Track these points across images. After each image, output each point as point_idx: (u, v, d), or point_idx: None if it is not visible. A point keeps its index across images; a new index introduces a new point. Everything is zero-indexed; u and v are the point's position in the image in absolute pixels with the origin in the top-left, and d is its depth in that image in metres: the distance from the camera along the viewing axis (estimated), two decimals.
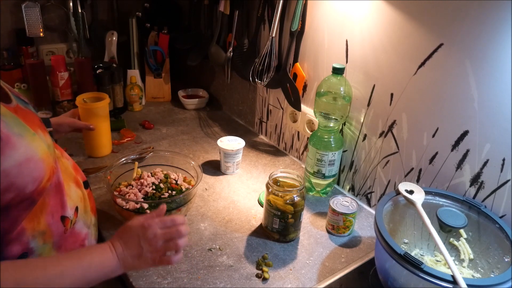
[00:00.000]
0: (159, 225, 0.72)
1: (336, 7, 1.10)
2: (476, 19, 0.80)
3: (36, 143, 0.64)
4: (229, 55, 1.44)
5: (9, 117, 0.61)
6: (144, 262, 0.71)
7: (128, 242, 0.70)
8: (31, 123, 0.66)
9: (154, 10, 1.74)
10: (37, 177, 0.63)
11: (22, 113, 0.67)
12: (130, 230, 0.72)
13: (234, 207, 1.12)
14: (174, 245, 0.73)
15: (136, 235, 0.71)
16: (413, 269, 0.71)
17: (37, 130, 0.66)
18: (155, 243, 0.71)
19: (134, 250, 0.70)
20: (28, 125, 0.64)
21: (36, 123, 0.68)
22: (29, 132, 0.63)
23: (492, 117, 0.82)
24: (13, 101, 0.68)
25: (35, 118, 0.70)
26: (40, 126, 0.69)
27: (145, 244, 0.70)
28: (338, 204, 1.02)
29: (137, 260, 0.70)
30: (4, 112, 0.61)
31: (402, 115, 1.00)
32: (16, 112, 0.65)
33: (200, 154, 1.37)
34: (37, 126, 0.68)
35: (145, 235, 0.71)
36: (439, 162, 0.94)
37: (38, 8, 1.42)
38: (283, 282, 0.88)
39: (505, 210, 0.85)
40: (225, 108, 1.72)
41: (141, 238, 0.70)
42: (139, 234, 0.71)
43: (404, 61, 0.96)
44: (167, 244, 0.72)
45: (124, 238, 0.71)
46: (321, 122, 1.12)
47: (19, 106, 0.69)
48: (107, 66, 1.54)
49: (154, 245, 0.71)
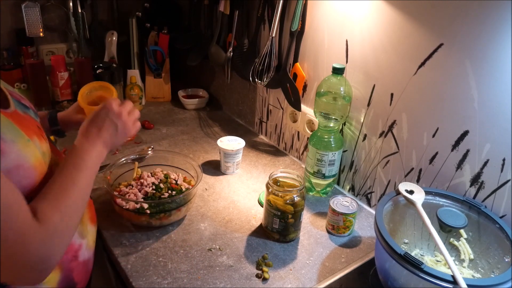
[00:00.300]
0: (115, 103, 0.81)
1: (336, 7, 1.10)
2: (476, 19, 0.80)
3: (30, 149, 0.63)
4: (229, 55, 1.44)
5: (4, 122, 0.61)
6: (121, 136, 0.81)
7: (103, 126, 0.78)
8: (27, 129, 0.66)
9: (154, 10, 1.74)
10: (26, 185, 0.63)
11: (18, 118, 0.66)
12: (98, 115, 0.79)
13: (234, 207, 1.12)
14: (133, 116, 0.83)
15: (106, 116, 0.79)
16: (413, 269, 0.70)
17: (33, 137, 0.66)
18: (123, 117, 0.80)
19: (110, 129, 0.78)
20: (23, 131, 0.64)
21: (33, 129, 0.68)
22: (22, 138, 0.63)
23: (492, 117, 0.82)
24: (11, 106, 0.68)
25: (33, 124, 0.70)
26: (36, 133, 0.68)
27: (117, 120, 0.79)
28: (338, 204, 1.02)
29: (115, 137, 0.79)
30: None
31: (402, 115, 1.00)
32: (12, 117, 0.64)
33: (200, 154, 1.37)
34: (33, 132, 0.67)
35: (114, 113, 0.79)
36: (439, 162, 0.94)
37: (38, 8, 1.42)
38: (283, 282, 0.88)
39: (505, 210, 0.85)
40: (225, 108, 1.72)
41: (112, 116, 0.79)
42: (108, 114, 0.79)
43: (404, 61, 0.96)
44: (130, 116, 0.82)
45: (97, 123, 0.78)
46: (321, 122, 1.12)
47: (17, 111, 0.69)
48: (107, 66, 1.54)
49: (123, 119, 0.80)
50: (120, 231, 0.99)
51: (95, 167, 0.75)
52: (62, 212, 0.63)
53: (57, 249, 0.63)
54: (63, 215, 0.63)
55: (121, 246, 0.95)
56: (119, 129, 0.80)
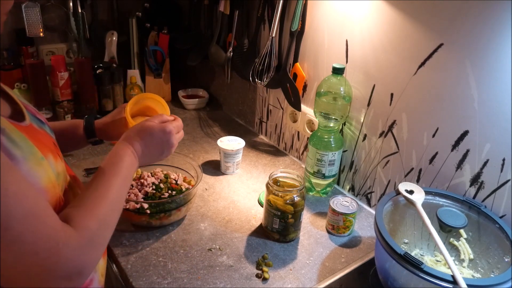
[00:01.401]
0: (176, 130, 0.80)
1: (336, 7, 1.10)
2: (476, 19, 0.80)
3: (42, 169, 0.58)
4: (229, 55, 1.44)
5: (16, 136, 0.55)
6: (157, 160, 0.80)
7: (150, 146, 0.76)
8: (43, 145, 0.60)
9: (154, 10, 1.74)
10: None
11: (34, 133, 0.61)
12: (152, 134, 0.77)
13: (234, 207, 1.12)
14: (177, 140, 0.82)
15: (159, 140, 0.77)
16: (413, 269, 0.70)
17: (48, 155, 0.60)
18: (172, 146, 0.79)
19: (154, 153, 0.77)
20: (38, 148, 0.59)
21: (49, 146, 0.63)
22: (35, 156, 0.57)
23: (492, 117, 0.82)
24: (26, 120, 0.63)
25: (49, 141, 0.65)
26: (52, 150, 0.63)
27: (165, 149, 0.78)
28: (338, 204, 1.02)
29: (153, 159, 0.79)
30: (10, 130, 0.55)
31: (402, 115, 1.00)
32: (27, 132, 0.59)
33: (200, 154, 1.37)
34: (49, 150, 0.62)
35: (168, 142, 0.78)
36: (439, 162, 0.94)
37: (38, 8, 1.42)
38: (283, 282, 0.88)
39: (505, 210, 0.85)
40: (225, 108, 1.72)
41: (164, 144, 0.78)
42: (162, 139, 0.78)
43: (404, 61, 0.96)
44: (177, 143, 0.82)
45: (146, 141, 0.76)
46: (321, 122, 1.12)
47: (33, 125, 0.64)
48: (107, 66, 1.54)
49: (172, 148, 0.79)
50: (120, 231, 0.99)
51: (131, 178, 0.73)
52: (99, 220, 0.61)
53: (93, 258, 0.59)
54: (100, 222, 0.60)
55: (121, 246, 0.95)
56: (163, 156, 0.80)
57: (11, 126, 0.56)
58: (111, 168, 0.69)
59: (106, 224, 0.63)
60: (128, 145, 0.74)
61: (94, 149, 1.33)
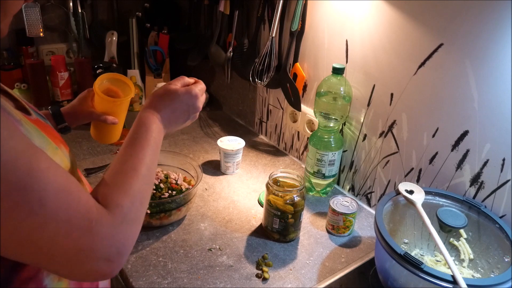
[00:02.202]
0: (201, 92, 0.76)
1: (336, 7, 1.10)
2: (476, 19, 0.80)
3: (58, 158, 0.57)
4: (229, 55, 1.44)
5: (30, 127, 0.54)
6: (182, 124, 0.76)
7: (177, 111, 0.72)
8: (53, 136, 0.60)
9: (154, 10, 1.74)
10: None
11: (42, 125, 0.60)
12: (178, 98, 0.73)
13: (234, 207, 1.12)
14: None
15: (185, 104, 0.73)
16: (413, 269, 0.71)
17: (60, 145, 0.60)
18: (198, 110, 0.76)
19: (181, 119, 0.74)
20: (50, 138, 0.58)
21: (58, 138, 0.62)
22: (51, 146, 0.56)
23: (492, 117, 0.82)
24: (32, 114, 0.62)
25: (56, 133, 0.64)
26: (62, 141, 0.62)
27: (191, 113, 0.75)
28: (338, 204, 1.02)
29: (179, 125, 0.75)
30: (24, 121, 0.54)
31: (402, 115, 1.00)
32: (37, 124, 0.58)
33: (200, 154, 1.37)
34: (59, 140, 0.61)
35: (194, 106, 0.74)
36: (439, 162, 0.94)
37: (38, 8, 1.42)
38: (283, 282, 0.88)
39: (505, 210, 0.85)
40: (225, 108, 1.72)
41: (190, 108, 0.74)
42: (188, 103, 0.73)
43: (404, 61, 0.96)
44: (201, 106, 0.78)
45: (172, 106, 0.72)
46: (321, 122, 1.12)
47: (39, 119, 0.62)
48: (107, 66, 1.54)
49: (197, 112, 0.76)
50: None
51: (159, 147, 0.69)
52: (132, 196, 0.58)
53: (130, 236, 0.57)
54: (133, 199, 0.58)
55: None
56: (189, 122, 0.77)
57: (24, 118, 0.55)
58: (139, 139, 0.66)
59: (140, 200, 0.60)
60: (153, 112, 0.70)
61: (94, 149, 1.33)
